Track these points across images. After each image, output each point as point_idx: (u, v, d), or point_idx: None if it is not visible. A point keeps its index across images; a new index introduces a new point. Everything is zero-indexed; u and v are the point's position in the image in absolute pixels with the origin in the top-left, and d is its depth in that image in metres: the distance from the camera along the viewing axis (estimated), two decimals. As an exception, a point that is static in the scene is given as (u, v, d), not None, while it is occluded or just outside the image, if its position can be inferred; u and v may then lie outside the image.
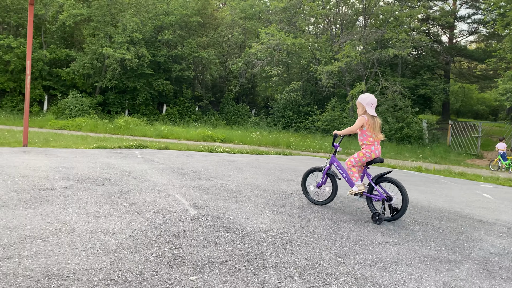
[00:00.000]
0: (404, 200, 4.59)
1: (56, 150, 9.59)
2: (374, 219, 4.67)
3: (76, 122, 19.47)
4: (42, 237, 3.27)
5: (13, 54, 22.97)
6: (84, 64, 24.31)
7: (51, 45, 25.45)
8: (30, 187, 5.09)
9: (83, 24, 26.01)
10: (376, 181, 4.84)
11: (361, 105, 4.90)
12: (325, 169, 5.26)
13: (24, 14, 25.06)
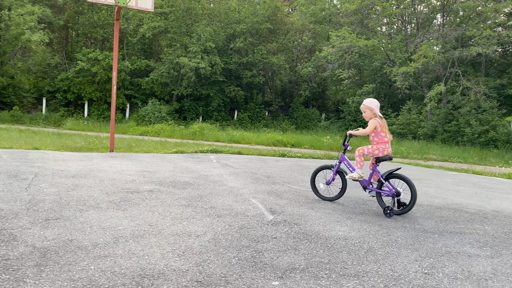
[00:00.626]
0: (413, 194, 4.88)
1: (139, 155, 10.22)
2: (385, 213, 4.92)
3: (155, 128, 20.62)
4: (132, 238, 3.49)
5: (99, 66, 24.95)
6: (162, 73, 25.71)
7: (132, 57, 27.26)
8: (119, 190, 5.47)
9: (160, 35, 27.56)
10: (385, 178, 5.07)
11: (369, 108, 5.19)
12: (335, 167, 5.54)
13: (109, 29, 27.15)
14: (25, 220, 3.71)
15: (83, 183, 5.71)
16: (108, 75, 25.14)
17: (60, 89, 25.78)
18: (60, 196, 4.78)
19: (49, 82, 26.44)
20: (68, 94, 25.69)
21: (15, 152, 8.84)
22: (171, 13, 26.42)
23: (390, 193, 5.04)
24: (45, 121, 23.10)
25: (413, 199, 4.89)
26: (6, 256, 2.82)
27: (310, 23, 29.47)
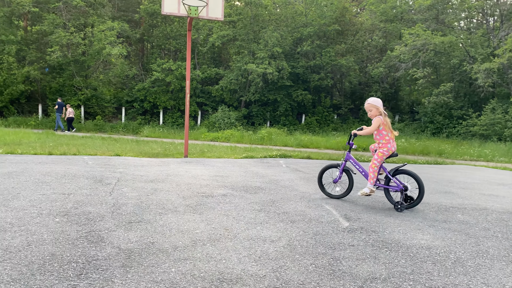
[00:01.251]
0: (420, 188, 5.06)
1: (211, 160, 10.50)
2: (396, 208, 5.12)
3: (225, 134, 21.13)
4: (209, 241, 3.55)
5: (172, 76, 26.17)
6: (230, 80, 26.33)
7: (203, 65, 28.24)
8: (194, 194, 5.63)
9: (229, 43, 28.27)
10: (392, 174, 5.24)
11: (374, 107, 5.25)
12: (342, 166, 5.68)
13: (181, 40, 28.40)
14: (110, 222, 3.94)
15: (161, 188, 5.97)
16: (180, 84, 26.28)
17: (137, 99, 27.43)
18: (140, 200, 5.02)
19: (127, 93, 28.26)
20: (145, 103, 27.25)
21: (99, 159, 9.51)
22: (239, 21, 27.00)
23: (398, 188, 5.21)
24: (124, 129, 24.67)
25: (421, 193, 5.11)
26: (95, 256, 3.00)
27: (380, 22, 28.49)
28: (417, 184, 5.07)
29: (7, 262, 2.76)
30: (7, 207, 4.28)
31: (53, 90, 26.01)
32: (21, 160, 8.36)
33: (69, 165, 7.90)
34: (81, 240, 3.34)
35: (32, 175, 6.43)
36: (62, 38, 24.21)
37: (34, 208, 4.29)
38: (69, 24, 25.26)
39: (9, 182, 5.75)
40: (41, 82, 26.21)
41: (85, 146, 12.43)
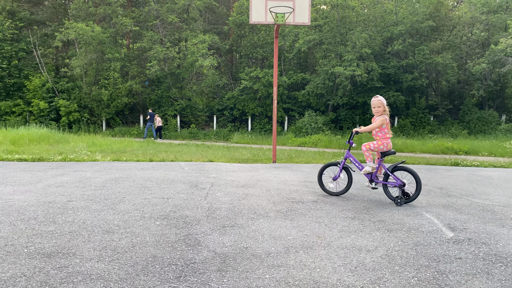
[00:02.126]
0: (418, 183, 5.30)
1: (299, 165, 10.43)
2: (396, 202, 5.36)
3: (312, 139, 20.93)
4: (302, 249, 3.48)
5: (260, 83, 26.69)
6: (317, 85, 26.06)
7: (289, 71, 28.37)
8: (284, 199, 5.61)
9: (315, 48, 28.04)
10: (391, 171, 5.46)
11: (383, 105, 5.47)
12: (342, 164, 5.85)
13: (268, 47, 28.88)
14: (206, 226, 4.07)
15: (252, 193, 6.05)
16: (268, 91, 26.68)
17: (227, 107, 28.46)
18: (233, 205, 5.13)
19: (218, 101, 29.46)
20: (234, 111, 28.15)
21: (194, 165, 9.99)
22: (325, 24, 26.68)
23: (397, 184, 5.44)
24: (216, 136, 25.72)
25: (419, 188, 5.33)
26: (193, 259, 3.10)
27: (481, 14, 26.09)
28: (415, 179, 5.34)
29: (115, 262, 2.98)
30: (114, 210, 4.65)
31: (152, 102, 28.10)
32: (125, 167, 9.10)
33: (167, 171, 8.41)
34: (179, 243, 3.48)
35: (136, 181, 6.95)
36: (160, 53, 26.08)
37: (138, 212, 4.60)
38: (165, 40, 27.13)
39: (116, 187, 6.27)
40: (142, 94, 28.49)
41: (181, 153, 13.17)
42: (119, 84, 26.77)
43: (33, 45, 27.50)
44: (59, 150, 12.74)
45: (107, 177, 7.37)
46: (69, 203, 4.99)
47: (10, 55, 26.83)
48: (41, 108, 25.96)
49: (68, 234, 3.64)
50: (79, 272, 2.75)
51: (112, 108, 26.65)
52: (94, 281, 2.61)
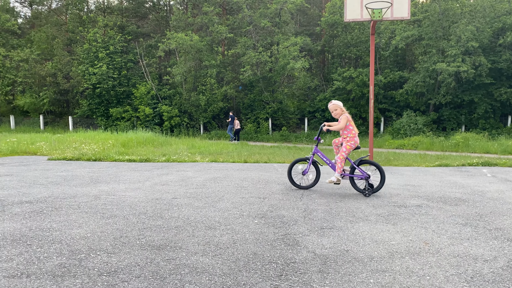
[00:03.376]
0: (382, 175, 5.77)
1: (399, 168, 9.87)
2: (364, 194, 5.67)
3: (411, 141, 19.74)
4: (408, 254, 3.25)
5: (353, 83, 25.94)
6: (416, 83, 24.54)
7: (385, 70, 27.15)
8: (385, 203, 5.32)
9: (414, 44, 26.47)
10: (357, 164, 5.81)
11: (339, 107, 5.95)
12: (311, 159, 6.16)
13: (361, 46, 27.97)
14: (303, 227, 4.01)
15: (349, 195, 5.85)
16: (362, 91, 25.84)
17: (319, 109, 28.15)
18: (330, 207, 5.01)
19: (309, 104, 29.30)
20: (326, 113, 27.72)
21: (287, 166, 10.01)
22: (425, 18, 25.05)
23: (363, 176, 5.84)
24: (307, 139, 25.58)
25: (383, 179, 5.78)
26: (293, 259, 3.07)
27: None
28: (379, 171, 5.78)
29: (218, 257, 3.06)
30: (215, 208, 4.83)
31: (245, 106, 28.94)
32: (223, 167, 9.45)
33: (262, 172, 8.54)
34: (278, 242, 3.48)
35: (233, 181, 7.16)
36: (252, 58, 26.76)
37: (236, 210, 4.72)
38: (258, 45, 27.77)
39: (215, 186, 6.52)
40: (235, 99, 29.50)
41: (274, 155, 13.32)
42: (215, 90, 28.03)
43: (139, 56, 30.09)
44: (163, 152, 13.70)
45: (206, 176, 7.71)
46: (174, 200, 5.30)
47: (120, 65, 29.66)
48: (147, 114, 28.22)
49: (174, 228, 3.85)
50: (186, 264, 2.88)
51: (209, 112, 27.99)
52: (199, 274, 2.71)
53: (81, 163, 10.50)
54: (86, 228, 3.81)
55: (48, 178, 7.23)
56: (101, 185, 6.54)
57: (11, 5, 34.60)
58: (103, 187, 6.37)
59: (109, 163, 10.62)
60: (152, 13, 34.08)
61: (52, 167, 9.17)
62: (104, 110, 29.72)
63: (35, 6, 36.68)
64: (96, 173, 8.12)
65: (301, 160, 6.34)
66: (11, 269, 2.72)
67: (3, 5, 32.74)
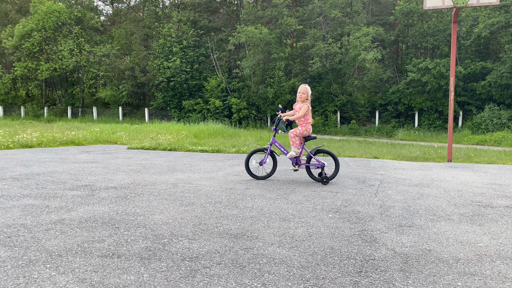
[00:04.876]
0: (336, 164, 6.09)
1: (481, 165, 9.20)
2: (323, 182, 5.96)
3: (494, 137, 18.30)
4: (499, 258, 3.02)
5: (430, 75, 24.53)
6: (502, 74, 22.64)
7: (466, 60, 25.35)
8: (468, 202, 4.99)
9: (499, 32, 24.39)
10: (314, 153, 6.11)
11: (307, 93, 6.09)
12: (268, 149, 6.23)
13: (440, 35, 26.31)
14: (381, 224, 3.88)
15: (427, 193, 5.56)
16: (439, 83, 24.38)
17: (391, 102, 27.05)
18: (407, 204, 4.79)
19: (381, 96, 28.25)
20: (399, 106, 26.58)
21: (358, 161, 9.76)
22: (513, 3, 22.96)
23: (319, 165, 6.03)
24: (378, 132, 24.72)
25: (337, 168, 6.08)
26: (372, 256, 2.98)
27: None
28: (334, 160, 6.05)
29: (294, 249, 3.06)
30: (287, 200, 4.83)
31: (313, 98, 28.58)
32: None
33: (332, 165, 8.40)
34: (355, 238, 3.40)
35: (303, 173, 7.13)
36: (322, 49, 26.34)
37: (309, 203, 4.69)
38: (328, 36, 27.24)
39: (286, 178, 6.53)
40: (304, 91, 29.27)
41: (343, 149, 13.04)
42: (283, 82, 28.04)
43: (210, 49, 30.91)
44: (232, 143, 14.01)
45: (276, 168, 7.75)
46: (247, 190, 5.40)
47: (193, 59, 30.71)
48: (216, 106, 28.99)
49: (249, 218, 3.91)
50: (264, 255, 2.91)
51: (276, 105, 28.07)
52: (277, 265, 2.73)
53: (158, 152, 11.06)
54: (167, 214, 4.00)
55: (129, 166, 7.71)
56: (178, 173, 6.84)
57: (95, 4, 37.19)
58: (179, 175, 6.65)
59: (183, 153, 11.09)
60: (223, 7, 34.78)
61: (132, 156, 9.76)
62: (177, 102, 31.01)
63: (116, 4, 39.11)
64: (172, 162, 8.51)
65: (259, 151, 6.35)
66: (104, 249, 2.94)
67: (88, 4, 35.29)
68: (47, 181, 5.72)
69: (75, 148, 11.72)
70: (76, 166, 7.54)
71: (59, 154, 9.68)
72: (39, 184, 5.50)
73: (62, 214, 3.91)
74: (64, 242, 3.07)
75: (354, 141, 17.81)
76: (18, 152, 10.03)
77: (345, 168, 8.13)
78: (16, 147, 11.45)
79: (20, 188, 5.15)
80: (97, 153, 10.27)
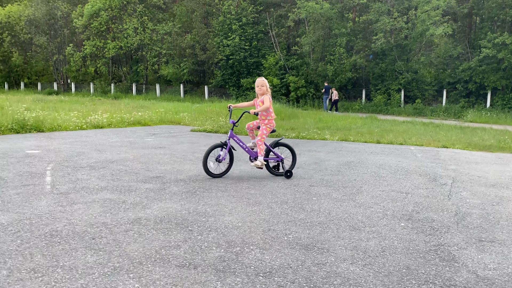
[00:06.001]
0: (293, 156, 6.10)
1: None
2: (286, 176, 5.87)
3: None
4: None
5: (507, 51, 22.58)
6: None
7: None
8: (555, 210, 4.59)
9: None
10: (273, 147, 5.99)
11: (266, 85, 5.73)
12: (228, 145, 5.76)
13: (520, 7, 23.96)
14: (458, 237, 3.68)
15: (507, 196, 5.18)
16: (517, 60, 22.39)
17: (461, 80, 25.34)
18: (486, 211, 4.50)
19: (449, 74, 26.54)
20: (469, 84, 24.86)
21: (426, 151, 9.30)
22: None
23: (279, 159, 6.03)
24: (445, 113, 23.39)
25: (294, 161, 6.14)
26: (452, 280, 2.83)
27: None
28: (291, 153, 6.07)
29: (368, 267, 2.99)
30: (355, 202, 4.72)
31: (375, 76, 27.50)
32: (354, 149, 9.20)
33: (399, 157, 8.09)
34: (431, 255, 3.25)
35: (368, 167, 6.93)
36: (386, 24, 25.05)
37: (378, 207, 4.54)
38: (393, 10, 25.80)
39: (351, 174, 6.38)
40: (365, 69, 28.20)
41: (408, 134, 12.49)
42: (344, 59, 27.16)
43: (269, 26, 30.51)
44: (291, 126, 13.92)
45: (339, 160, 7.60)
46: (311, 188, 5.34)
47: (251, 37, 30.53)
48: (274, 84, 28.78)
49: (318, 225, 3.87)
50: (337, 273, 2.87)
51: (336, 83, 27.36)
52: (352, 287, 2.68)
53: (219, 136, 11.27)
54: (236, 216, 4.07)
55: (194, 153, 7.92)
56: (241, 164, 6.92)
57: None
58: (243, 166, 6.73)
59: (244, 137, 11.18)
60: (283, -18, 33.96)
61: (196, 140, 10.02)
62: (236, 80, 31.21)
63: (177, -19, 39.55)
64: (234, 150, 8.62)
65: (218, 146, 5.81)
66: (180, 258, 3.05)
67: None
68: (121, 171, 6.03)
69: (142, 129, 12.25)
70: (145, 152, 7.87)
71: (128, 137, 10.16)
72: (114, 174, 5.81)
73: (138, 212, 4.11)
74: (143, 247, 3.23)
75: (419, 124, 16.97)
76: (91, 134, 10.67)
77: (413, 160, 7.79)
78: (89, 127, 12.18)
79: (98, 179, 5.47)
80: (163, 136, 10.65)
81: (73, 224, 3.69)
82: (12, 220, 3.75)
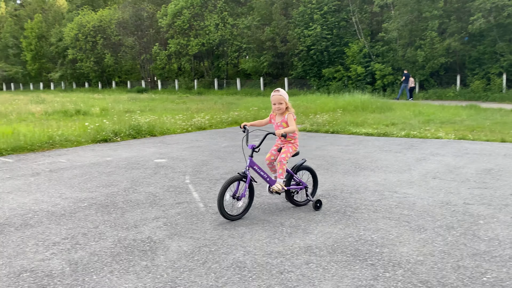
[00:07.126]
0: (315, 180, 5.22)
1: None
2: (316, 207, 4.87)
3: None
4: None
5: None
6: None
7: None
8: None
9: None
10: (295, 172, 4.97)
11: (285, 100, 4.69)
12: (248, 177, 4.55)
13: None
14: None
15: None
16: None
17: None
18: None
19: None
20: None
21: None
22: None
23: (303, 187, 5.02)
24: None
25: (316, 186, 5.24)
26: None
27: None
28: (312, 176, 5.19)
29: None
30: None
31: (472, 60, 25.46)
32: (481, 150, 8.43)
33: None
34: None
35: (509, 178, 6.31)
36: (486, 2, 22.94)
37: None
38: (493, -14, 23.53)
39: (498, 185, 5.80)
40: (459, 52, 26.18)
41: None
42: (436, 44, 25.44)
43: (352, 13, 29.46)
44: (391, 121, 13.30)
45: (474, 166, 7.03)
46: (468, 207, 4.95)
47: (333, 25, 29.74)
48: (358, 73, 27.90)
49: (510, 260, 3.54)
50: None
51: (427, 69, 25.81)
52: None
53: (322, 136, 11.09)
54: (409, 246, 3.86)
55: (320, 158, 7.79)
56: (367, 173, 6.66)
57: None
58: (371, 176, 6.47)
59: (349, 137, 10.88)
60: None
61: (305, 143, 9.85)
62: (317, 71, 30.71)
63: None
64: (348, 153, 8.39)
65: (235, 180, 4.55)
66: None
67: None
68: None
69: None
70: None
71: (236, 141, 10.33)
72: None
73: (304, 238, 4.07)
74: (337, 286, 3.16)
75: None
76: (199, 137, 11.05)
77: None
78: (193, 130, 12.67)
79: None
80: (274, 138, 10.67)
81: (251, 254, 3.74)
82: (193, 248, 3.89)
